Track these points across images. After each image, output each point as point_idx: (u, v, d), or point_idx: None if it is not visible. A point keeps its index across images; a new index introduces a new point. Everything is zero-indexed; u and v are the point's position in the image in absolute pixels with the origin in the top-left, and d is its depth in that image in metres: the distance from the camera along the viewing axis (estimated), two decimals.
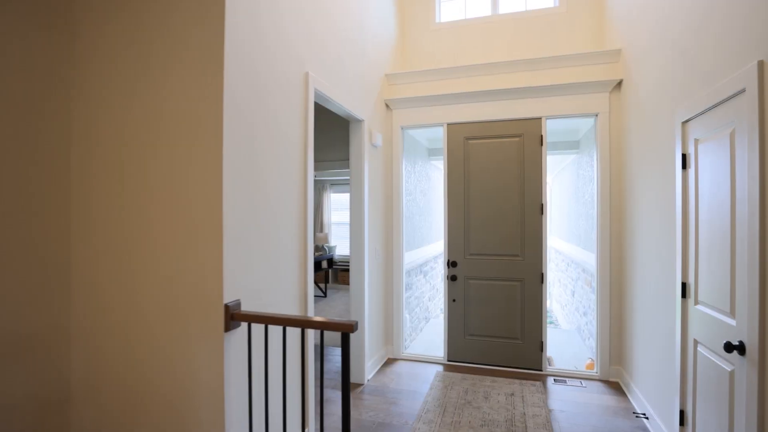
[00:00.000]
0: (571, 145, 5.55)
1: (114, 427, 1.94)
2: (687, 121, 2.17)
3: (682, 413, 2.22)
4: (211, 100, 1.75)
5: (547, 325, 7.40)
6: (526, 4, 4.37)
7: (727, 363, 1.78)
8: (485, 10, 4.43)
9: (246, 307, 1.87)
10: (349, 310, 5.87)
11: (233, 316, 1.74)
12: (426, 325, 5.57)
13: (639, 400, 2.93)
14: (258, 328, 1.97)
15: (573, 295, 5.95)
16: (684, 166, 2.21)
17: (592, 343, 4.26)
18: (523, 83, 3.74)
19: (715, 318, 1.88)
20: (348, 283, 8.60)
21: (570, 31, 3.97)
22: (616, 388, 3.32)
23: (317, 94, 2.63)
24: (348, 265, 8.62)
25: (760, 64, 1.53)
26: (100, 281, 1.96)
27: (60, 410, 1.97)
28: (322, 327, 1.59)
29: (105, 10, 1.96)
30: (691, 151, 2.14)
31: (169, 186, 1.82)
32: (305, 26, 2.45)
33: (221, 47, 1.74)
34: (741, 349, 1.64)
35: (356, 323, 1.53)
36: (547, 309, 9.16)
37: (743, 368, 1.63)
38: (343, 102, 2.98)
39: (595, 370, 3.55)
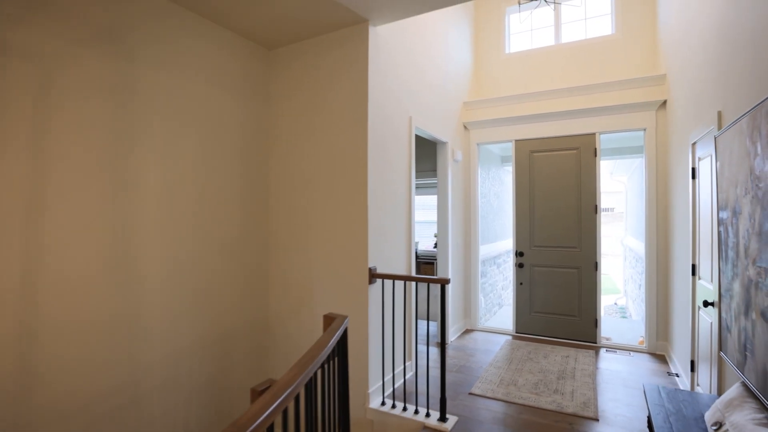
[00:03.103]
0: (636, 150, 6.06)
1: (295, 346, 3.19)
2: (694, 143, 2.91)
3: (692, 362, 2.96)
4: (361, 144, 2.92)
5: (622, 318, 7.82)
6: (586, 32, 5.09)
7: (708, 317, 2.55)
8: (549, 40, 5.22)
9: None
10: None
11: (373, 275, 2.88)
12: (499, 310, 6.43)
13: (675, 365, 3.61)
14: (386, 284, 3.10)
15: (639, 288, 6.43)
16: (693, 176, 2.94)
17: None
18: (580, 105, 4.51)
19: (705, 287, 2.64)
20: (429, 275, 9.66)
21: (626, 55, 4.63)
22: (661, 358, 3.99)
23: (416, 129, 3.72)
24: (429, 259, 9.66)
25: (719, 113, 2.32)
26: (287, 254, 3.23)
27: (264, 335, 3.29)
28: (428, 281, 2.66)
29: (289, 90, 3.24)
30: (697, 165, 2.88)
31: (337, 196, 3.03)
32: (408, 88, 3.56)
33: (366, 111, 2.90)
34: (713, 305, 2.42)
35: (449, 279, 2.58)
36: (622, 306, 9.44)
37: (713, 318, 2.41)
38: (433, 131, 4.04)
39: (644, 345, 4.22)
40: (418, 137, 6.33)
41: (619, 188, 10.18)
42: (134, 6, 2.45)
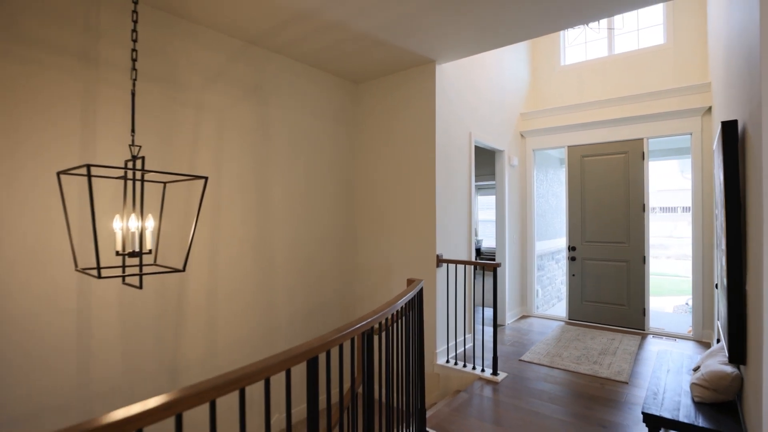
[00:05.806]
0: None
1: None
2: None
3: (718, 341, 3.40)
4: (429, 158, 3.74)
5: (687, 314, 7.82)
6: (639, 43, 5.45)
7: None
8: (602, 52, 5.65)
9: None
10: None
11: (439, 261, 3.69)
12: (558, 303, 6.89)
13: None
14: (450, 269, 3.89)
15: None
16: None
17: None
18: (629, 113, 4.94)
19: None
20: (491, 270, 10.22)
21: (677, 63, 4.96)
22: (706, 345, 4.34)
23: (475, 141, 4.46)
24: (492, 256, 10.23)
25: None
26: (369, 245, 4.15)
27: (352, 307, 4.23)
28: (484, 266, 3.41)
29: (370, 115, 4.15)
30: None
31: (409, 198, 3.89)
32: (469, 107, 4.31)
33: (434, 132, 3.72)
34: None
35: (500, 263, 3.31)
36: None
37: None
38: (490, 142, 4.74)
39: (691, 333, 4.58)
40: (477, 146, 7.04)
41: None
42: (269, 66, 3.48)
